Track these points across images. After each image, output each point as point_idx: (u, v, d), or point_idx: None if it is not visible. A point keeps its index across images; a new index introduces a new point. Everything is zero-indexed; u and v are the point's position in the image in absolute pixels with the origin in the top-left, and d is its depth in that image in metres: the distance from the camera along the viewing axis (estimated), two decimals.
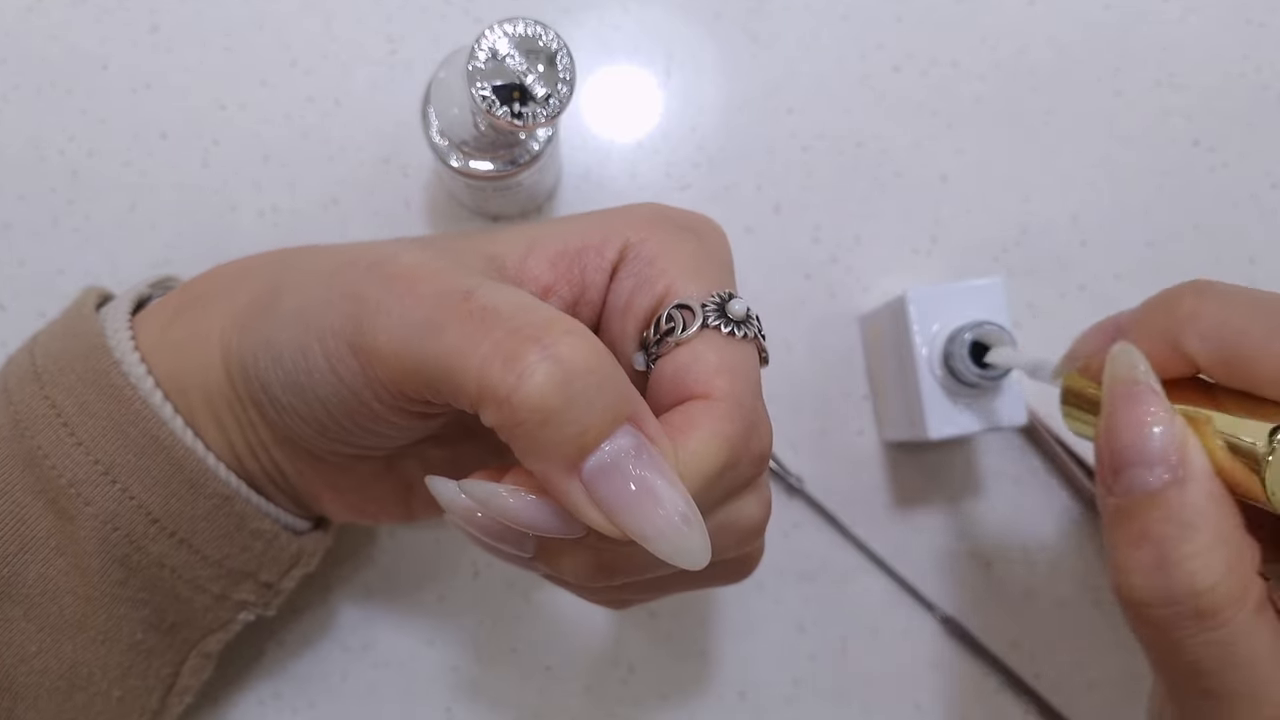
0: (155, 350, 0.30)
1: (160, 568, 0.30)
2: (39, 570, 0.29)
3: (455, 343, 0.22)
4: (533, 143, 0.35)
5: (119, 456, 0.29)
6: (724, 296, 0.26)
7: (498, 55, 0.30)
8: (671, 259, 0.27)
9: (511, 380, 0.21)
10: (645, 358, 0.26)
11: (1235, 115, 0.44)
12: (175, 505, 0.29)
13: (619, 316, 0.27)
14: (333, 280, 0.25)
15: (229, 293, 0.30)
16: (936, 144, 0.43)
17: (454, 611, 0.40)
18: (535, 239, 0.27)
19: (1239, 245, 0.44)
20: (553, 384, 0.21)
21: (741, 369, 0.25)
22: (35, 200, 0.41)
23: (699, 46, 0.43)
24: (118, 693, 0.31)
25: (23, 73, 0.41)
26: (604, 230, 0.27)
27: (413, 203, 0.42)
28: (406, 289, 0.23)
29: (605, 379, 0.22)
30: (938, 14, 0.44)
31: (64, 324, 0.31)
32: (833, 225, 0.43)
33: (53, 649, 0.29)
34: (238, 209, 0.41)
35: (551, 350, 0.21)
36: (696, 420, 0.24)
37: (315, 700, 0.39)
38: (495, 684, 0.40)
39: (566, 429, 0.21)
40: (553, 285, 0.27)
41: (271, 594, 0.33)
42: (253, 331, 0.28)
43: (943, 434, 0.37)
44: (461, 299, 0.23)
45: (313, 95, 0.42)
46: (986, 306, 0.37)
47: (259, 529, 0.31)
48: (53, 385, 0.29)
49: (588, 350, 0.22)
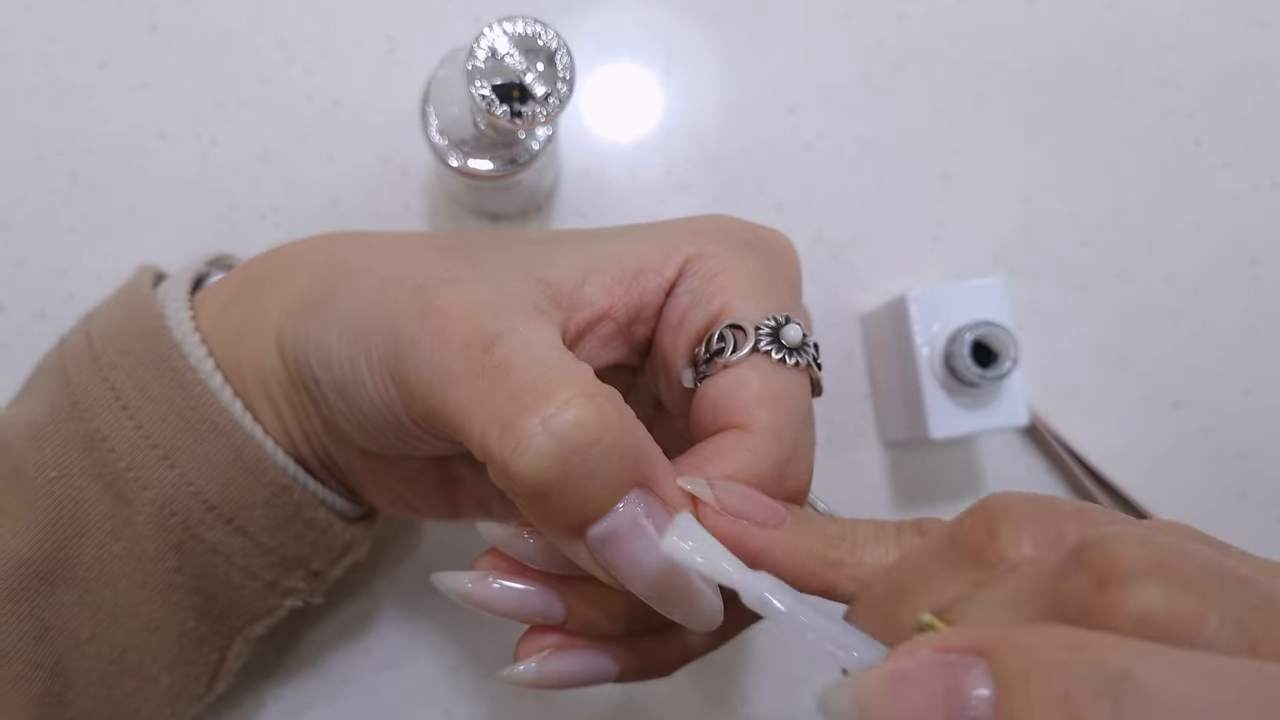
0: (214, 332, 0.30)
1: (214, 555, 0.29)
2: (95, 554, 0.28)
3: (463, 400, 0.22)
4: (532, 142, 0.35)
5: (178, 441, 0.28)
6: (780, 320, 0.25)
7: (497, 54, 0.30)
8: (731, 276, 0.26)
9: (507, 452, 0.21)
10: (694, 375, 0.26)
11: (1236, 115, 0.44)
12: (233, 492, 0.29)
13: (672, 331, 0.27)
14: (381, 296, 0.25)
15: (286, 276, 0.30)
16: (938, 143, 0.43)
17: (454, 613, 0.40)
18: (593, 264, 0.26)
19: (1239, 245, 0.44)
20: (547, 460, 0.21)
21: (785, 399, 0.25)
22: (34, 200, 0.41)
23: (699, 46, 0.43)
24: (167, 680, 0.31)
25: (22, 71, 0.41)
26: (665, 249, 0.27)
27: (412, 202, 0.42)
28: (438, 329, 0.23)
29: (609, 449, 0.21)
30: (939, 13, 0.44)
31: (121, 303, 0.31)
32: (834, 225, 0.43)
33: (105, 635, 0.29)
34: (237, 209, 0.41)
35: (552, 421, 0.21)
36: (726, 454, 0.24)
37: (315, 702, 0.39)
38: (495, 686, 0.40)
39: (565, 501, 0.21)
40: (609, 309, 0.26)
41: (319, 582, 0.33)
42: (304, 325, 0.27)
43: (944, 434, 0.37)
44: (482, 350, 0.22)
45: (312, 95, 0.42)
46: (988, 306, 0.37)
47: (314, 518, 0.30)
48: (111, 367, 0.29)
49: (593, 419, 0.21)
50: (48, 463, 0.28)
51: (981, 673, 0.16)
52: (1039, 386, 0.42)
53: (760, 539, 0.23)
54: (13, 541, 0.28)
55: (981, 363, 0.36)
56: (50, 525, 0.28)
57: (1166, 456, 0.43)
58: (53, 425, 0.29)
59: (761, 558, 0.23)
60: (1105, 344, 0.43)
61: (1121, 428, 0.42)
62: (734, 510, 0.23)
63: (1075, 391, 0.43)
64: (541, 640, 0.25)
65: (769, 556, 0.23)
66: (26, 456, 0.29)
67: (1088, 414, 0.42)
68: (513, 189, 0.37)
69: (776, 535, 0.23)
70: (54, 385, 0.30)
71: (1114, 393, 0.43)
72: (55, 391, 0.30)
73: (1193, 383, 0.43)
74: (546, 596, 0.25)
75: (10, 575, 0.27)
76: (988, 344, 0.37)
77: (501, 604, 0.25)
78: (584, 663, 0.25)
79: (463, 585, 0.24)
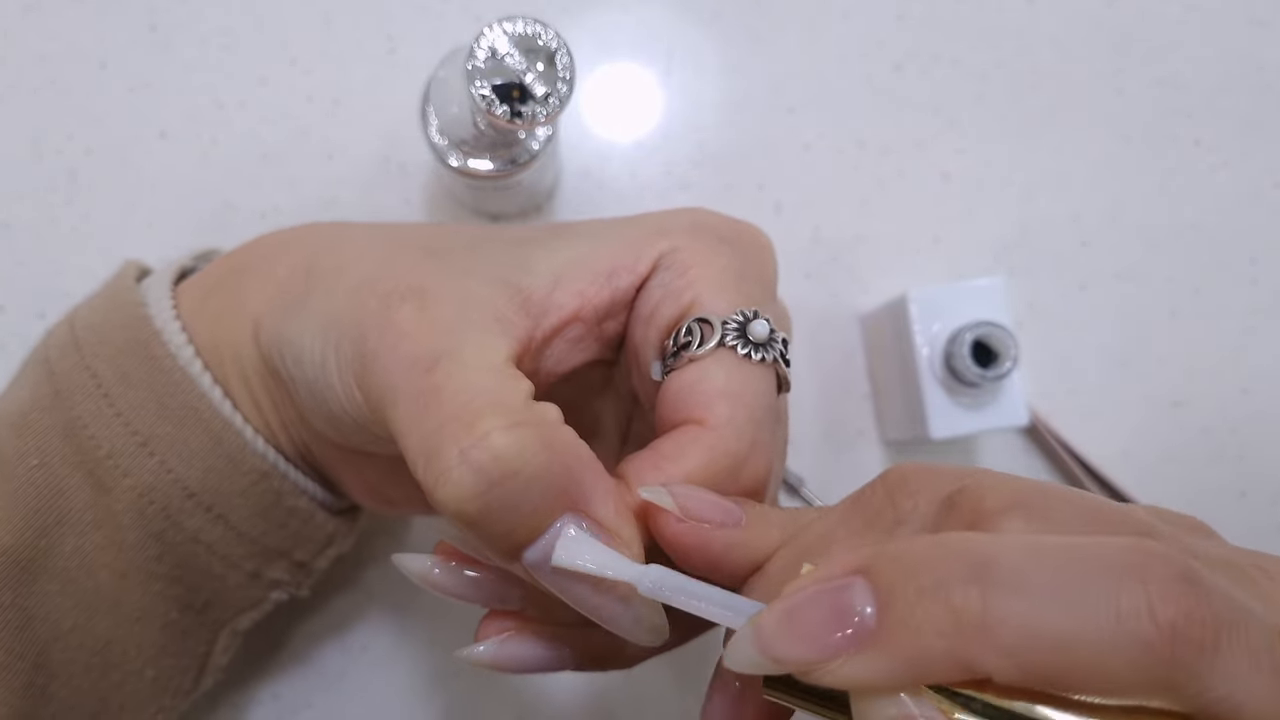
0: (195, 320, 0.30)
1: (195, 543, 0.29)
2: (75, 543, 0.28)
3: (402, 423, 0.22)
4: (532, 142, 0.35)
5: (157, 428, 0.28)
6: (748, 315, 0.25)
7: (497, 54, 0.30)
8: (702, 270, 0.26)
9: (430, 481, 0.21)
10: (662, 368, 0.26)
11: (1236, 115, 0.44)
12: (212, 480, 0.29)
13: (643, 324, 0.27)
14: (353, 300, 0.25)
15: (266, 267, 0.30)
16: (937, 143, 0.43)
17: (453, 611, 0.40)
18: (564, 272, 0.26)
19: (1239, 245, 0.44)
20: (465, 492, 0.21)
21: (748, 395, 0.25)
22: (34, 200, 0.41)
23: (699, 45, 0.43)
24: (151, 673, 0.30)
25: (21, 72, 0.41)
26: (638, 247, 0.27)
27: (412, 202, 0.42)
28: (393, 343, 0.23)
29: (530, 480, 0.21)
30: (939, 12, 0.44)
31: (105, 295, 0.31)
32: (833, 225, 0.43)
33: (87, 626, 0.29)
34: (237, 208, 0.41)
35: (470, 453, 0.21)
36: (685, 450, 0.24)
37: (313, 700, 0.39)
38: (495, 683, 0.40)
39: (491, 530, 0.21)
40: (579, 310, 0.26)
41: (304, 574, 0.32)
42: (280, 320, 0.27)
43: (944, 434, 0.37)
44: (425, 370, 0.22)
45: (312, 94, 0.42)
46: (987, 306, 0.37)
47: (295, 506, 0.30)
48: (93, 355, 0.29)
49: (512, 451, 0.21)
50: (29, 451, 0.28)
51: (862, 587, 0.17)
52: (1039, 386, 0.42)
53: (721, 540, 0.23)
54: None
55: (981, 363, 0.36)
56: (31, 513, 0.28)
57: (1166, 456, 0.43)
58: (35, 413, 0.29)
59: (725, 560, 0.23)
60: (1105, 344, 0.43)
61: (1121, 427, 0.43)
62: (695, 515, 0.23)
63: (1075, 391, 0.43)
64: (501, 623, 0.25)
65: (732, 559, 0.23)
66: (8, 445, 0.29)
67: (1088, 414, 0.42)
68: (513, 189, 0.37)
69: (736, 536, 0.23)
70: (38, 375, 0.30)
71: (1114, 393, 0.43)
72: (39, 381, 0.30)
73: (1192, 382, 0.43)
74: (502, 585, 0.25)
75: None
76: (988, 344, 0.37)
77: (459, 589, 0.25)
78: (540, 649, 0.25)
79: (423, 567, 0.25)
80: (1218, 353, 0.43)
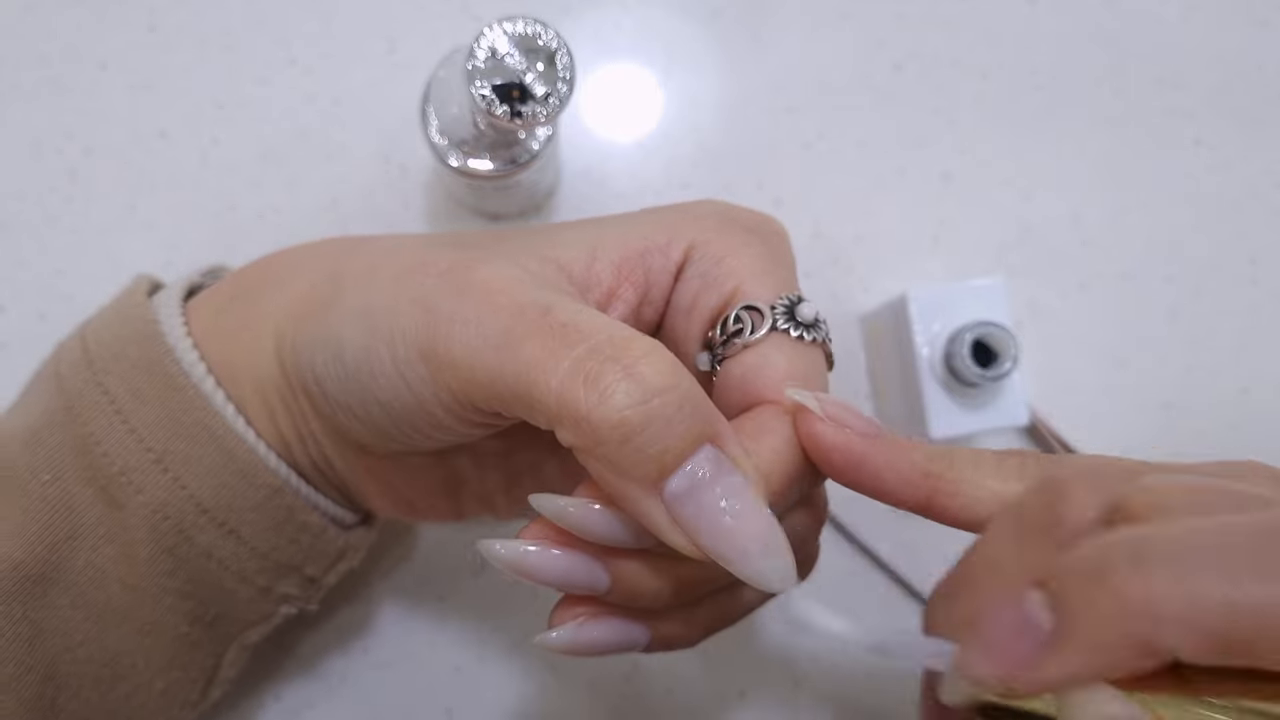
0: (208, 338, 0.30)
1: (208, 559, 0.29)
2: (87, 557, 0.28)
3: (535, 357, 0.22)
4: (532, 142, 0.35)
5: (171, 445, 0.28)
6: (793, 299, 0.26)
7: (497, 54, 0.30)
8: (739, 260, 0.27)
9: (594, 399, 0.21)
10: (710, 358, 0.27)
11: (1236, 115, 0.44)
12: (225, 496, 0.29)
13: (684, 316, 0.27)
14: (401, 285, 0.25)
15: (283, 282, 0.30)
16: (937, 143, 0.43)
17: (454, 611, 0.40)
18: (598, 244, 0.27)
19: (1239, 245, 0.44)
20: (632, 402, 0.21)
21: (810, 374, 0.26)
22: (34, 200, 0.41)
23: (699, 45, 0.43)
24: (160, 685, 0.31)
25: (21, 72, 0.41)
26: (669, 231, 0.27)
27: (412, 202, 0.42)
28: (484, 299, 0.23)
29: (684, 398, 0.22)
30: (939, 12, 0.44)
31: (116, 310, 0.31)
32: (833, 224, 0.43)
33: (97, 639, 0.29)
34: (237, 209, 0.41)
35: (632, 369, 0.21)
36: (771, 427, 0.25)
37: (314, 701, 0.39)
38: (496, 684, 0.40)
39: (647, 448, 0.21)
40: (617, 288, 0.27)
41: (314, 589, 0.32)
42: (312, 325, 0.27)
43: (944, 433, 0.37)
44: (541, 313, 0.23)
45: (312, 95, 0.42)
46: (988, 306, 0.37)
47: (307, 522, 0.30)
48: (105, 372, 0.29)
49: (667, 369, 0.22)
50: (41, 466, 0.28)
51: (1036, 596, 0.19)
52: (1039, 386, 0.42)
53: (862, 446, 0.24)
54: (5, 544, 0.28)
55: (981, 363, 0.36)
56: (43, 528, 0.28)
57: (1166, 456, 0.42)
58: (47, 429, 0.29)
59: (864, 464, 0.24)
60: (1105, 344, 0.43)
61: (1121, 427, 0.43)
62: (838, 420, 0.24)
63: (1075, 391, 0.43)
64: (576, 608, 0.25)
65: (871, 463, 0.24)
66: (20, 460, 0.29)
67: (1088, 414, 0.42)
68: (513, 189, 0.37)
69: (877, 443, 0.24)
70: (49, 390, 0.30)
71: (1113, 392, 0.43)
72: (50, 396, 0.30)
73: (1192, 382, 0.43)
74: (593, 566, 0.24)
75: (3, 578, 0.27)
76: (988, 344, 0.37)
77: (551, 572, 0.24)
78: (617, 631, 0.25)
79: (515, 552, 0.24)
80: (1217, 353, 0.43)
